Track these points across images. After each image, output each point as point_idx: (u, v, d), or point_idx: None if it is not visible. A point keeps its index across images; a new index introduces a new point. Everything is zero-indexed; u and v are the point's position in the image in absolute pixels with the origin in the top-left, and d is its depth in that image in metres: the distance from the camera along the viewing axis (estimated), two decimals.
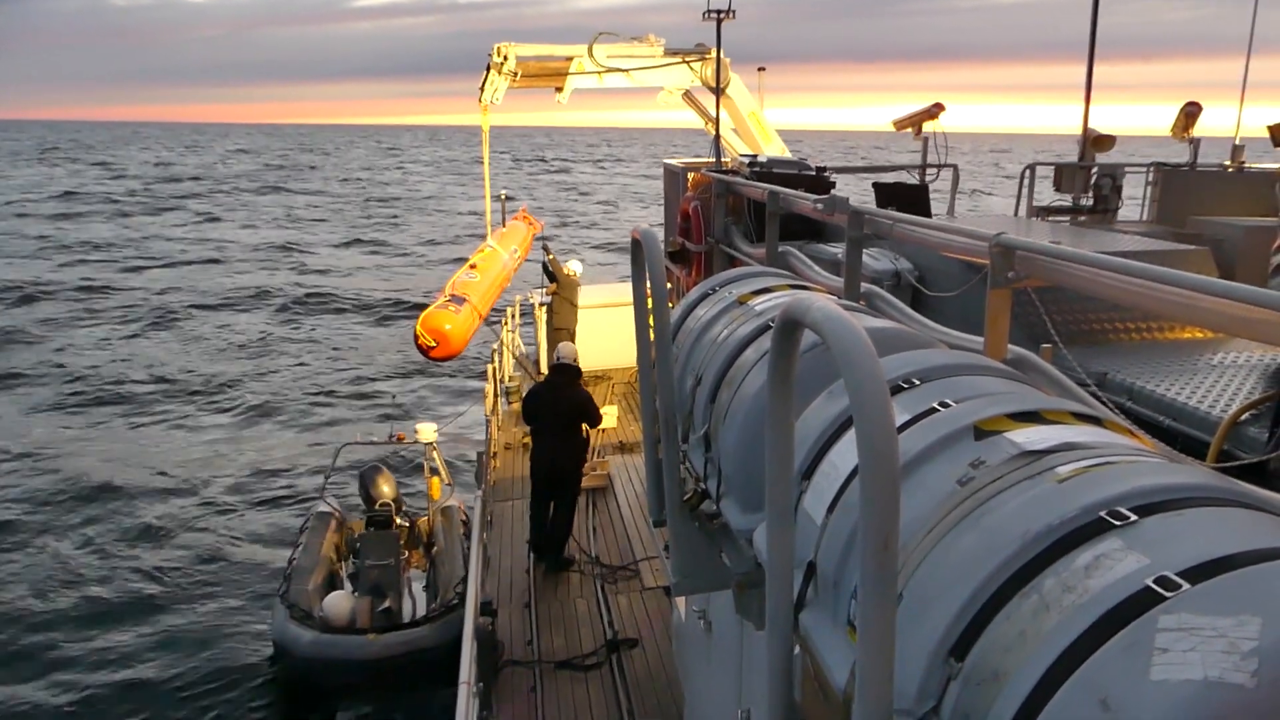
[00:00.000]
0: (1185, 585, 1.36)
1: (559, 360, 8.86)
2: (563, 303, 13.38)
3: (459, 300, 11.62)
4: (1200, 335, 5.09)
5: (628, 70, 13.97)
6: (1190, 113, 10.19)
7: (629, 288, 3.47)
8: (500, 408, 12.69)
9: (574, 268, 13.80)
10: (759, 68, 15.25)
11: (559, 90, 13.93)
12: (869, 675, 1.40)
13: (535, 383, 9.45)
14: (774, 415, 1.82)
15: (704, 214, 8.94)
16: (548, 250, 13.68)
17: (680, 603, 5.25)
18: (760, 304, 3.69)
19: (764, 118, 14.79)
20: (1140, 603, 1.37)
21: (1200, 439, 3.61)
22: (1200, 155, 10.08)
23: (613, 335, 13.93)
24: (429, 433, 11.66)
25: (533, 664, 7.20)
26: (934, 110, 10.36)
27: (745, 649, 3.52)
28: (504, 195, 15.68)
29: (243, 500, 15.43)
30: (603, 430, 10.02)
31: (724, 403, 3.26)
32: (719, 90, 12.55)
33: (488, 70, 13.32)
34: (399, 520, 10.95)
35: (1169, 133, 10.35)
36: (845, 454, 2.26)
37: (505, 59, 13.26)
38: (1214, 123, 10.26)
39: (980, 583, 1.62)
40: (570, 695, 6.84)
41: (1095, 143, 10.09)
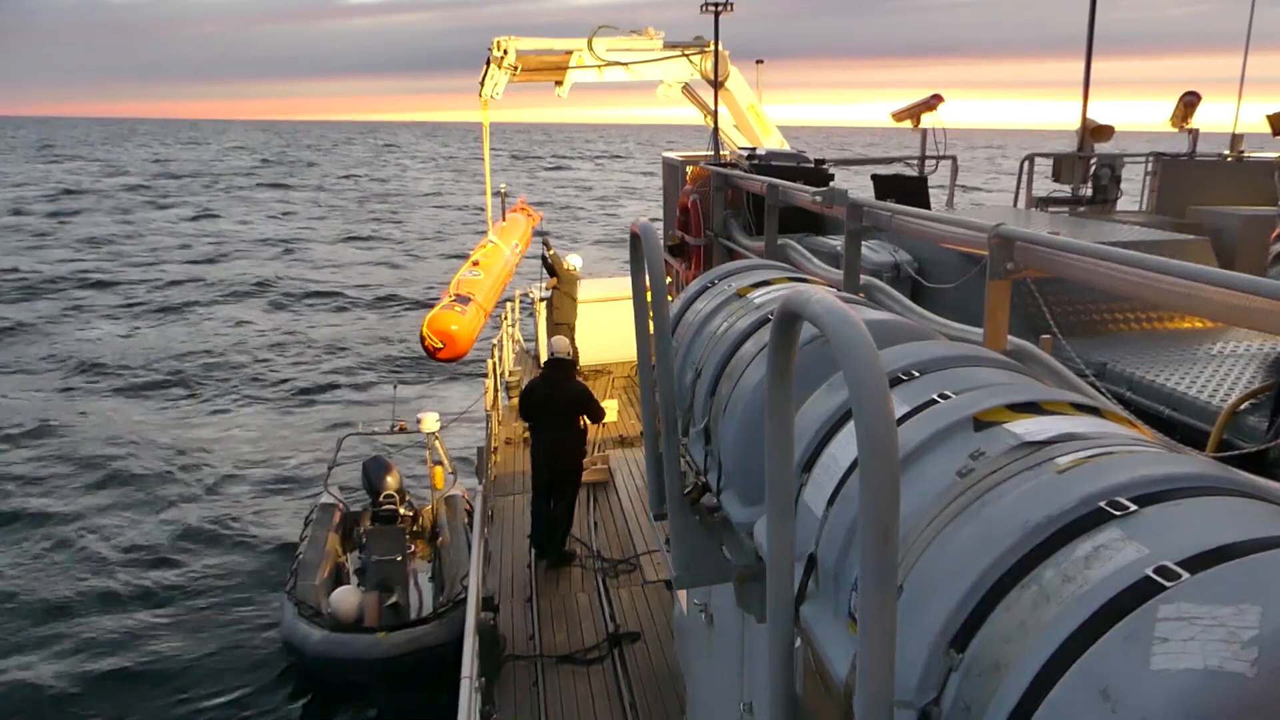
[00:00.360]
0: (1185, 575, 1.36)
1: (553, 355, 8.89)
2: (563, 297, 13.37)
3: (464, 300, 11.61)
4: (1200, 325, 5.08)
5: (627, 64, 13.95)
6: (1189, 102, 10.16)
7: (628, 282, 3.46)
8: (500, 402, 12.70)
9: (574, 262, 13.79)
10: (757, 60, 15.23)
11: (559, 84, 13.91)
12: (870, 667, 1.40)
13: (531, 379, 9.50)
14: (774, 408, 1.81)
15: (703, 207, 8.92)
16: (548, 246, 13.67)
17: (682, 596, 5.26)
18: (759, 297, 3.69)
19: (763, 111, 14.77)
20: (1140, 592, 1.37)
21: (1200, 429, 3.60)
22: (1199, 148, 10.06)
23: (612, 329, 13.93)
24: (431, 422, 11.68)
25: (535, 658, 7.21)
26: (932, 102, 10.31)
27: (746, 642, 3.53)
28: (503, 189, 15.67)
29: (245, 491, 15.48)
30: (603, 424, 10.04)
31: (724, 396, 3.26)
32: (717, 83, 12.52)
33: (487, 64, 13.29)
34: (403, 510, 10.97)
35: (1168, 124, 10.32)
36: (845, 446, 2.26)
37: (505, 53, 13.23)
38: (1212, 119, 10.23)
39: (980, 574, 1.62)
40: (572, 689, 6.86)
41: (1094, 133, 10.05)
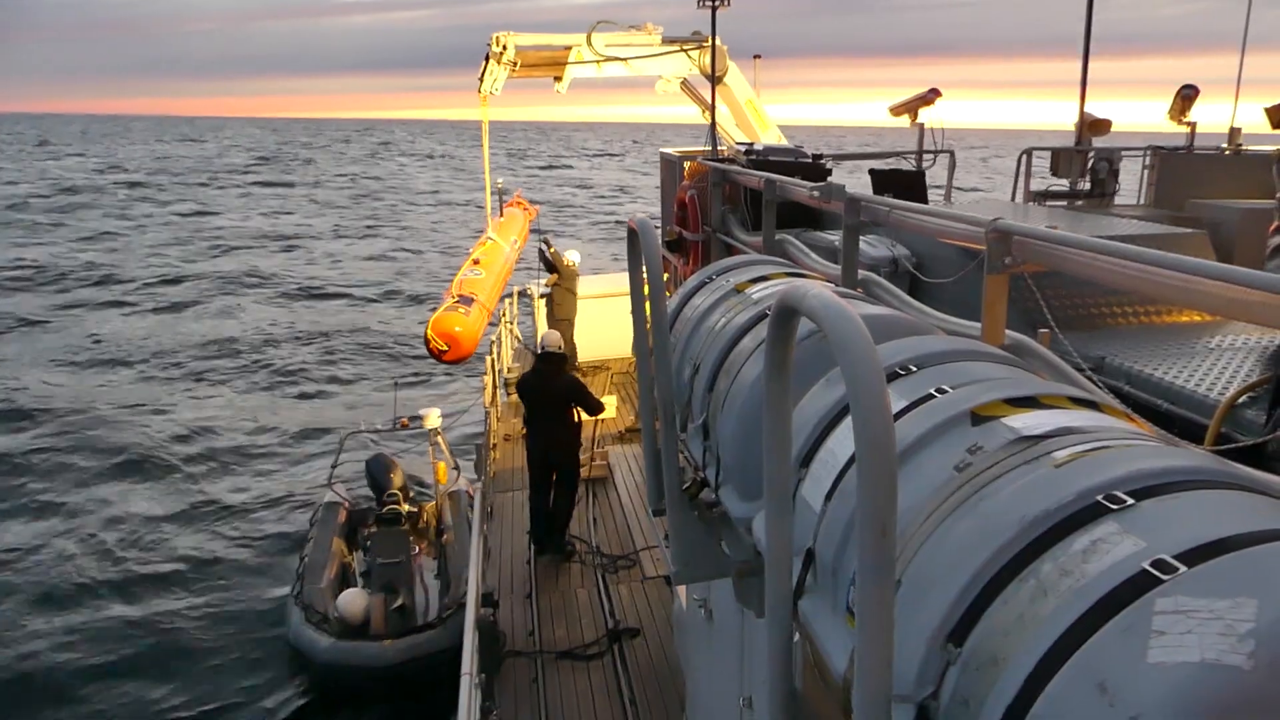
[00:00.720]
0: (1182, 568, 1.36)
1: (543, 349, 8.94)
2: (564, 293, 13.36)
3: (467, 300, 11.60)
4: (1198, 319, 5.07)
5: (626, 59, 13.92)
6: (1187, 96, 10.13)
7: (626, 277, 3.45)
8: (499, 399, 12.71)
9: (573, 257, 13.78)
10: (754, 56, 15.21)
11: (558, 80, 13.89)
12: (868, 661, 1.40)
13: (523, 373, 9.54)
14: (771, 403, 1.81)
15: (701, 203, 8.91)
16: (548, 243, 13.66)
17: (681, 591, 5.26)
18: (757, 292, 3.68)
19: (761, 106, 14.75)
20: (1137, 586, 1.37)
21: (1198, 422, 3.60)
22: (1196, 144, 10.05)
23: (611, 325, 13.93)
24: (434, 418, 11.67)
25: (534, 654, 7.22)
26: (930, 96, 10.29)
27: (746, 637, 3.53)
28: (500, 184, 15.67)
29: (245, 489, 15.49)
30: (602, 420, 10.04)
31: (722, 391, 3.25)
32: (714, 78, 12.50)
33: (486, 60, 13.27)
34: (407, 507, 10.97)
35: (1166, 119, 10.29)
36: (843, 441, 2.25)
37: (504, 48, 13.21)
38: (1209, 120, 10.23)
39: (978, 568, 1.62)
40: (572, 685, 6.87)
41: (1091, 127, 10.03)
